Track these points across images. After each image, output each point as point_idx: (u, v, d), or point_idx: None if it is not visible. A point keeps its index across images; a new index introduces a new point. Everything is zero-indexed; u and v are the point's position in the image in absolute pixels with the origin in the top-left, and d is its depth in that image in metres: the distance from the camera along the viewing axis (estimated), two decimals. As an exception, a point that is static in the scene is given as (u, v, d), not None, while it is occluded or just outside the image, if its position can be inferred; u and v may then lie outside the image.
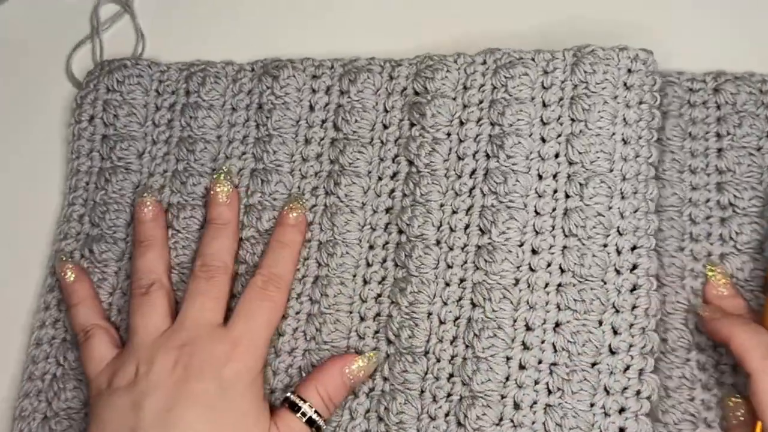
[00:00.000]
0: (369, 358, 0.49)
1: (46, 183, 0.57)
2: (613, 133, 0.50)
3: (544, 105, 0.51)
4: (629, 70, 0.51)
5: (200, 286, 0.50)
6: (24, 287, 0.55)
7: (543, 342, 0.48)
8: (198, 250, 0.52)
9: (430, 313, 0.50)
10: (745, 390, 0.46)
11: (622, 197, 0.49)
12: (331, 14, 0.60)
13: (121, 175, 0.55)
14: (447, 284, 0.50)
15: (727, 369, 0.49)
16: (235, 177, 0.54)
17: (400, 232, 0.52)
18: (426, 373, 0.49)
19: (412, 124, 0.53)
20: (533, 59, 0.52)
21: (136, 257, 0.52)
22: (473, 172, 0.51)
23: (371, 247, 0.52)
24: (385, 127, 0.54)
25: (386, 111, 0.54)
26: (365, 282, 0.52)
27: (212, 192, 0.53)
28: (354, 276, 0.52)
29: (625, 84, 0.51)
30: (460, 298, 0.50)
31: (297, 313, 0.52)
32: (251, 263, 0.52)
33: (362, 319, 0.51)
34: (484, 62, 0.53)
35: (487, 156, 0.51)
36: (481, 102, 0.52)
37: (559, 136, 0.51)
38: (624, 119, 0.50)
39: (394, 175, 0.53)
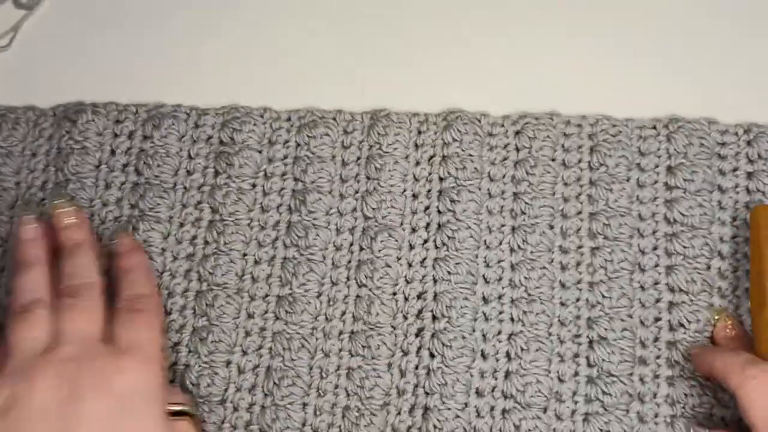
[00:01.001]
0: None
1: None
2: (404, 189, 0.52)
3: (344, 163, 0.53)
4: (419, 131, 0.54)
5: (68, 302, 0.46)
6: None
7: (336, 387, 0.49)
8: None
9: (229, 362, 0.50)
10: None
11: (411, 248, 0.52)
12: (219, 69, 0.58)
13: None
14: (247, 333, 0.51)
15: None
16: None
17: (200, 279, 0.51)
18: (223, 422, 0.49)
19: (217, 173, 0.53)
20: (335, 119, 0.54)
21: (18, 275, 0.48)
22: (277, 223, 0.52)
23: (170, 295, 0.51)
24: (189, 173, 0.54)
25: (191, 157, 0.54)
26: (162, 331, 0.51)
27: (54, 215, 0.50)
28: None
29: (415, 144, 0.54)
30: (260, 347, 0.50)
31: None
32: None
33: None
34: (289, 119, 0.54)
35: (290, 209, 0.52)
36: (285, 157, 0.54)
37: (357, 192, 0.53)
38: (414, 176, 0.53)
39: (195, 221, 0.53)
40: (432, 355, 0.49)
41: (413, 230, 0.52)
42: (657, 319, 0.50)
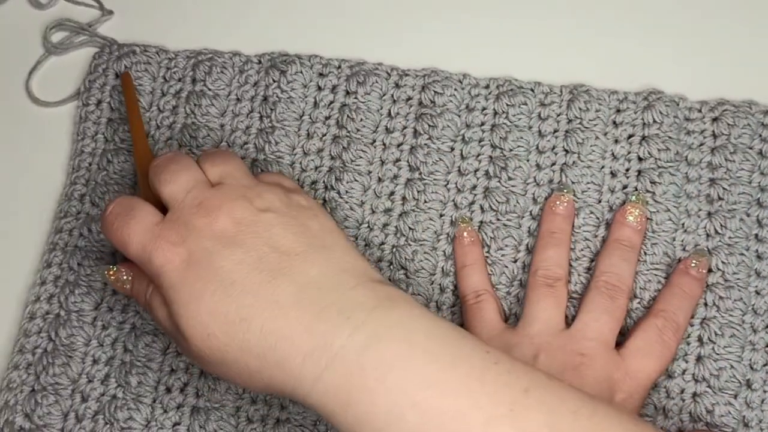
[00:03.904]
0: None
1: (52, 162, 0.58)
2: (603, 166, 0.53)
3: (540, 134, 0.54)
4: (618, 110, 0.54)
5: (604, 303, 0.49)
6: (23, 262, 0.56)
7: None
8: (599, 266, 0.51)
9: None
10: None
11: (608, 226, 0.52)
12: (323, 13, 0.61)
13: (123, 157, 0.56)
14: (442, 290, 0.53)
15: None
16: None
17: (398, 234, 0.54)
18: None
19: (416, 133, 0.55)
20: (532, 90, 0.55)
21: (545, 246, 0.51)
22: (474, 187, 0.54)
23: (367, 246, 0.54)
24: (389, 131, 0.56)
25: (391, 116, 0.56)
26: None
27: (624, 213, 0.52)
28: None
29: (614, 122, 0.54)
30: (453, 305, 0.53)
31: None
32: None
33: None
34: (487, 86, 0.56)
35: (488, 175, 0.54)
36: (482, 124, 0.55)
37: (554, 164, 0.54)
38: (612, 154, 0.53)
39: (394, 178, 0.55)
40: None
41: (610, 209, 0.53)
42: None
